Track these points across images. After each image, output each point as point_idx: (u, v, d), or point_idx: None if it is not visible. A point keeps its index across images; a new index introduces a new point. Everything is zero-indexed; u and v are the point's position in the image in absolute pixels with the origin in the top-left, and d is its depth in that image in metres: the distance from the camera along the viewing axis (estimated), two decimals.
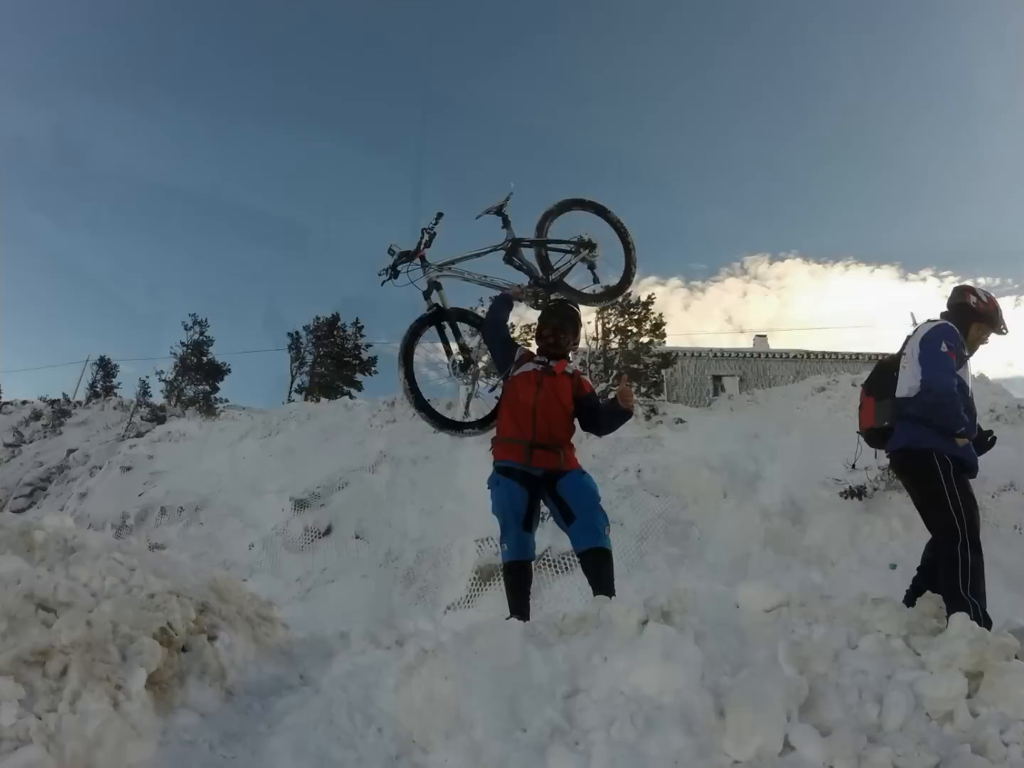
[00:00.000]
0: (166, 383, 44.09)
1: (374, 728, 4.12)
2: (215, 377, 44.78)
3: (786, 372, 39.44)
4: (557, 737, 3.82)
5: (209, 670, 4.52)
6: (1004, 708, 3.91)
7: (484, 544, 17.38)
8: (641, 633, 4.52)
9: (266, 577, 18.25)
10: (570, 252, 8.39)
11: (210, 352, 45.74)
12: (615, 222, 8.77)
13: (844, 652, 4.54)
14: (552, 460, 6.66)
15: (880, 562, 14.26)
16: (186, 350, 45.07)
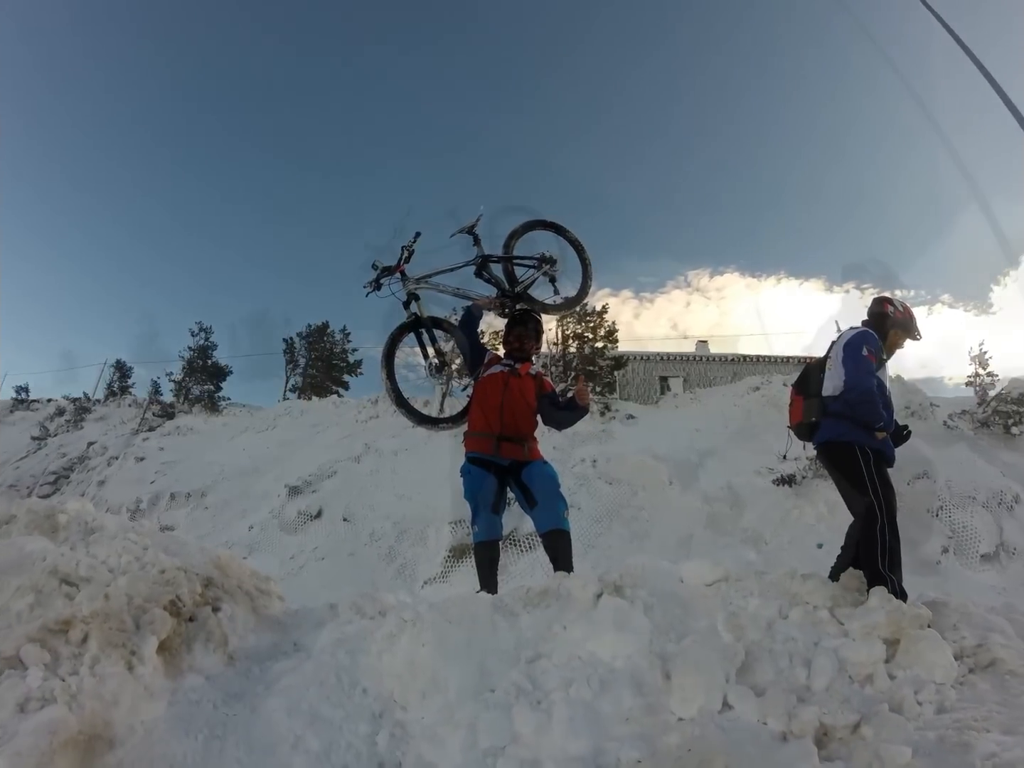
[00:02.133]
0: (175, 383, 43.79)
1: (359, 689, 4.18)
2: (218, 378, 44.46)
3: (725, 373, 39.54)
4: (522, 697, 3.87)
5: (213, 638, 4.59)
6: (918, 671, 4.01)
7: (457, 526, 17.67)
8: (596, 605, 4.56)
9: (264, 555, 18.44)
10: (533, 267, 8.49)
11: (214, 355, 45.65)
12: (573, 240, 8.88)
13: (776, 622, 4.59)
14: (517, 451, 6.75)
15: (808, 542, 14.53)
16: (193, 354, 44.92)
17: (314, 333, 49.12)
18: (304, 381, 47.72)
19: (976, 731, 3.34)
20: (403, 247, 7.71)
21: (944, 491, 16.84)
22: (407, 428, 25.49)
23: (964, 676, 4.15)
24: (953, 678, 4.05)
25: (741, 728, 3.62)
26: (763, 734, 3.58)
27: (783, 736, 3.57)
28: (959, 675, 4.12)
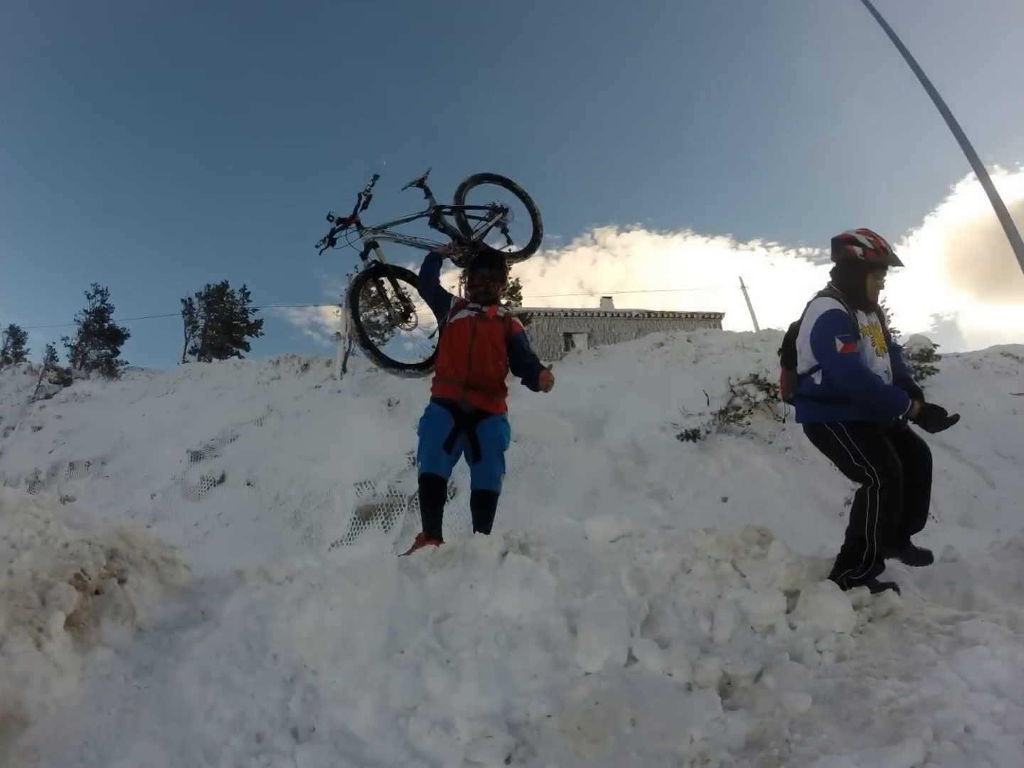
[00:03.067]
0: (71, 348, 43.08)
1: (270, 655, 4.20)
2: (116, 341, 43.80)
3: (629, 330, 40.01)
4: (431, 657, 3.93)
5: (121, 610, 4.57)
6: (817, 621, 4.16)
7: (362, 487, 17.72)
8: (502, 563, 4.66)
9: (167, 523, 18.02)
10: (485, 218, 8.59)
11: (111, 318, 44.85)
12: (520, 192, 8.97)
13: (679, 575, 4.72)
14: (484, 400, 6.78)
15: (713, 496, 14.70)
16: (89, 317, 44.07)
17: (213, 293, 48.44)
18: (204, 343, 47.09)
19: (874, 678, 3.48)
20: (360, 193, 7.78)
21: None
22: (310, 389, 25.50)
23: (863, 625, 4.29)
24: (852, 627, 4.18)
25: (646, 680, 3.72)
26: (668, 685, 3.68)
27: (688, 687, 3.68)
28: (858, 624, 4.25)
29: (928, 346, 20.10)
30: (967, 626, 3.88)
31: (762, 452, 16.09)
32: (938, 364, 19.73)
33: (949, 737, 2.81)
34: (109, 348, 43.48)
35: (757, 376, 17.97)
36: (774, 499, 14.23)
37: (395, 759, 3.49)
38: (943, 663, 3.42)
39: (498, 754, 3.32)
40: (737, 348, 24.12)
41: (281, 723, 3.78)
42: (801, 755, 2.94)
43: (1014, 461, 15.06)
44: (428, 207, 8.25)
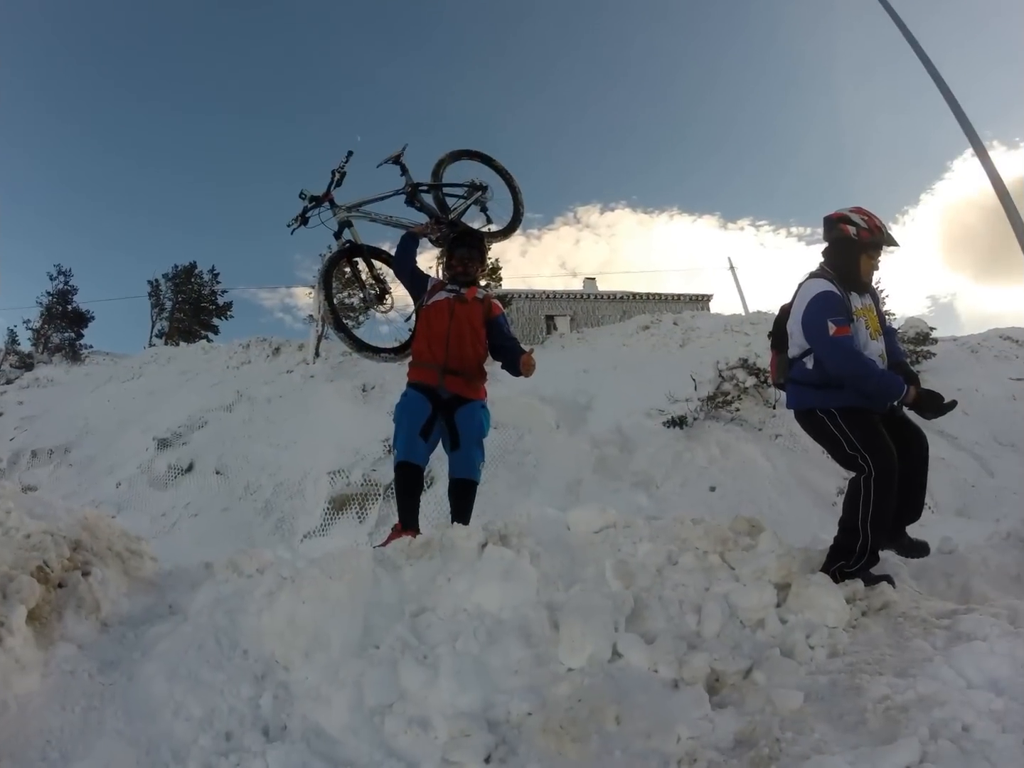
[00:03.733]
0: (33, 331, 42.70)
1: (240, 651, 4.19)
2: (79, 324, 43.48)
3: (613, 312, 40.37)
4: (407, 652, 3.93)
5: (85, 604, 4.54)
6: (809, 615, 4.16)
7: (336, 476, 17.63)
8: (481, 555, 4.65)
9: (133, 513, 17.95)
10: (463, 196, 8.58)
11: (74, 300, 44.48)
12: (500, 169, 8.99)
13: (666, 568, 4.71)
14: (463, 386, 6.75)
15: (700, 485, 14.69)
16: (51, 299, 43.69)
17: (181, 274, 48.15)
18: (171, 326, 46.87)
19: (868, 674, 3.48)
20: (333, 170, 7.72)
21: None
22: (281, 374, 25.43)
23: (857, 619, 4.29)
24: (845, 621, 4.19)
25: (631, 676, 3.72)
26: (654, 682, 3.69)
27: (674, 683, 3.69)
28: (851, 618, 4.26)
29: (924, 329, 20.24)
30: (965, 620, 3.87)
31: (752, 439, 16.12)
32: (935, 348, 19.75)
33: (946, 736, 2.80)
34: (72, 331, 43.15)
35: (746, 360, 17.96)
36: (764, 488, 14.26)
37: (370, 758, 3.49)
38: (940, 659, 3.41)
39: (477, 753, 3.32)
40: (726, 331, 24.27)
41: (251, 721, 3.78)
42: (792, 755, 2.93)
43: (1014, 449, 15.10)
44: (404, 185, 8.24)
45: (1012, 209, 12.54)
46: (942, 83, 14.29)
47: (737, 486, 14.31)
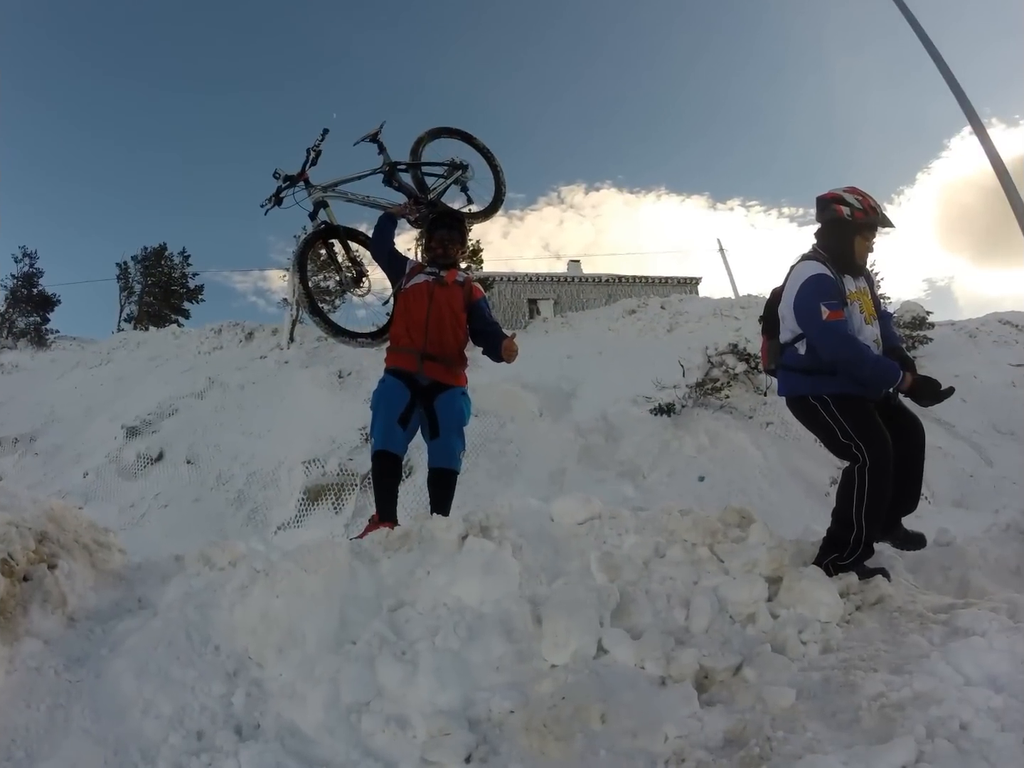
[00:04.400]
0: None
1: (211, 647, 4.18)
2: (45, 308, 42.97)
3: (599, 295, 40.40)
4: (385, 648, 3.92)
5: (51, 598, 4.51)
6: (802, 610, 4.18)
7: (311, 465, 17.55)
8: (461, 548, 4.65)
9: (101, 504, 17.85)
10: (443, 175, 8.55)
11: (40, 284, 44.08)
12: (481, 147, 8.94)
13: (653, 560, 4.73)
14: (442, 372, 6.72)
15: (689, 475, 14.68)
16: (16, 282, 43.31)
17: (150, 257, 47.76)
18: (140, 310, 46.54)
19: (863, 671, 3.47)
20: (309, 148, 7.70)
21: None
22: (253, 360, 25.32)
23: (851, 614, 4.31)
24: (839, 616, 4.20)
25: (617, 673, 3.71)
26: (640, 679, 3.68)
27: (661, 680, 3.68)
28: (845, 613, 4.27)
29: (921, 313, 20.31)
30: (963, 615, 3.88)
31: (742, 428, 16.11)
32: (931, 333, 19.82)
33: (943, 735, 2.79)
34: (38, 316, 42.66)
35: (736, 346, 17.89)
36: (755, 478, 14.27)
37: (346, 758, 3.48)
38: (937, 655, 3.41)
39: (457, 753, 3.31)
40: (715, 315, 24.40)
41: (223, 719, 3.77)
42: (784, 754, 2.92)
43: (1013, 437, 15.13)
44: (382, 164, 8.20)
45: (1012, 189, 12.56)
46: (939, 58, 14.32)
47: (727, 476, 14.33)
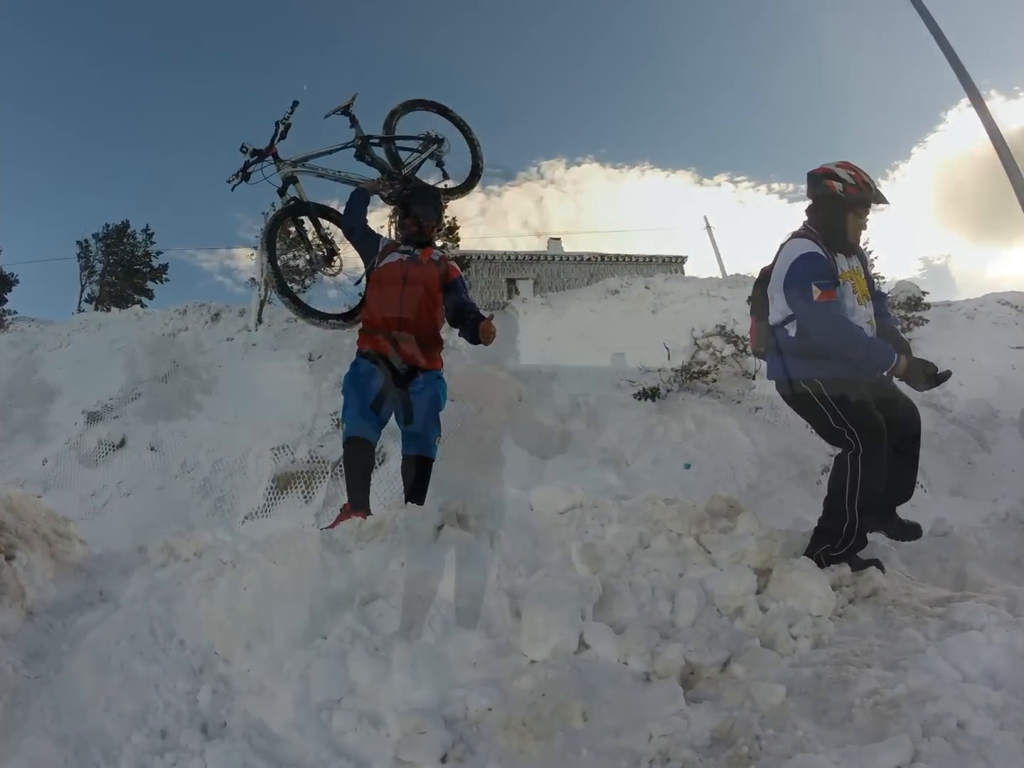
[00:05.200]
0: None
1: (176, 642, 4.15)
2: (2, 288, 42.34)
3: (580, 275, 40.21)
4: (357, 643, 3.92)
5: (8, 591, 4.49)
6: (792, 603, 4.18)
7: (280, 452, 17.38)
8: (437, 538, 4.66)
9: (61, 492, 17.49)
10: (418, 150, 8.48)
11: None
12: (457, 120, 8.86)
13: (636, 551, 4.74)
14: (417, 354, 6.66)
15: (675, 462, 14.67)
16: None
17: (112, 234, 47.38)
18: (102, 290, 46.33)
19: (856, 666, 3.48)
20: (278, 121, 7.65)
21: None
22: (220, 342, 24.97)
23: (843, 607, 4.31)
24: (831, 610, 4.21)
25: (599, 669, 3.72)
26: (624, 675, 3.69)
27: (646, 676, 3.69)
28: (837, 606, 4.28)
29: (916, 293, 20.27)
30: (960, 608, 3.90)
31: (729, 413, 16.15)
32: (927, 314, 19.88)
33: (940, 733, 2.80)
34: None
35: (724, 327, 17.89)
36: (743, 465, 14.28)
37: (317, 757, 3.48)
38: (933, 650, 3.42)
39: (432, 752, 3.32)
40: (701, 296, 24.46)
41: (189, 717, 3.76)
42: (773, 753, 2.93)
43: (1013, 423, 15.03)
44: (354, 137, 8.14)
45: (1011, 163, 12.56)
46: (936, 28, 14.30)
47: (714, 463, 14.36)
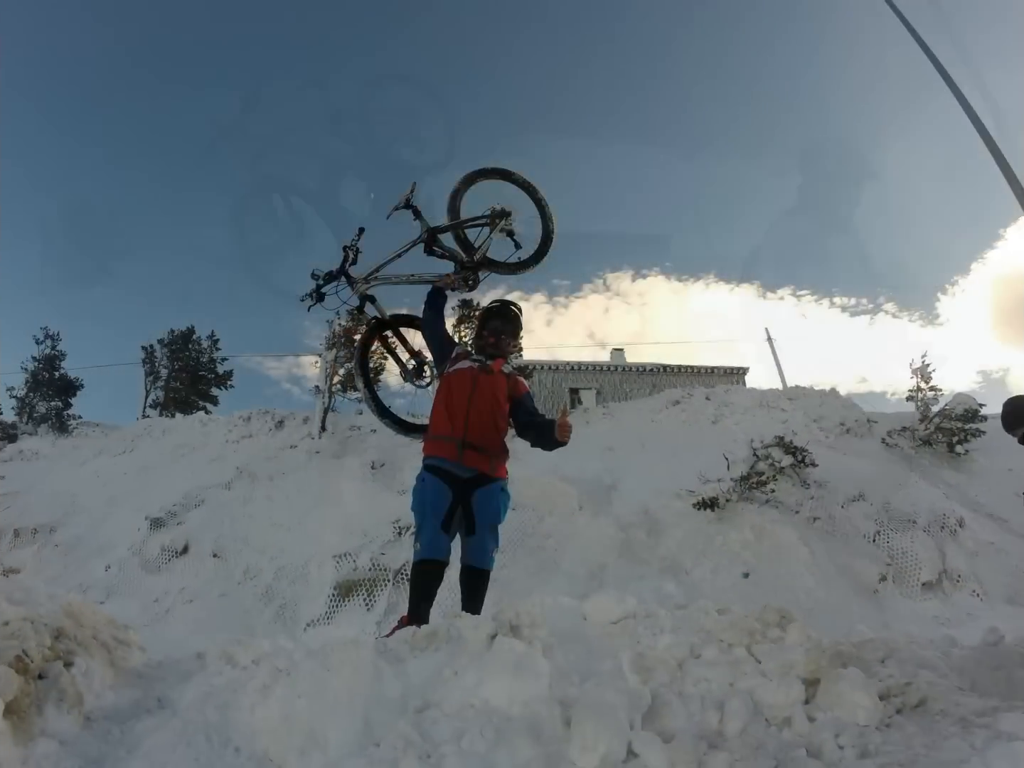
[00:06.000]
0: (17, 400, 42.77)
1: (231, 748, 4.14)
2: (68, 393, 43.29)
3: (642, 385, 40.29)
4: (410, 751, 3.88)
5: (66, 697, 4.46)
6: (839, 713, 4.11)
7: (342, 560, 17.62)
8: (490, 647, 4.60)
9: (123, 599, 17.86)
10: (486, 225, 8.40)
11: (62, 367, 44.51)
12: (522, 182, 8.77)
13: (688, 661, 4.69)
14: (482, 462, 6.70)
15: (733, 571, 14.77)
16: (38, 365, 43.83)
17: (177, 340, 47.97)
18: (166, 395, 46.68)
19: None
20: (345, 247, 7.73)
21: (882, 514, 17.13)
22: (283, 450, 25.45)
23: (890, 717, 4.23)
24: (878, 720, 4.14)
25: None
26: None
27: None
28: (884, 716, 4.20)
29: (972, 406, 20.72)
30: (1006, 718, 3.83)
31: (788, 522, 16.15)
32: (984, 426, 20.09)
33: None
34: (60, 400, 42.75)
35: (783, 438, 18.09)
36: (801, 575, 14.27)
37: None
38: (977, 760, 3.36)
39: None
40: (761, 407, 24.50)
41: None
42: None
43: None
44: (421, 232, 8.13)
45: None
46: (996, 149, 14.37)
47: (772, 572, 14.38)
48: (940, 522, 16.57)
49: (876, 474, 18.82)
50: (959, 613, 14.43)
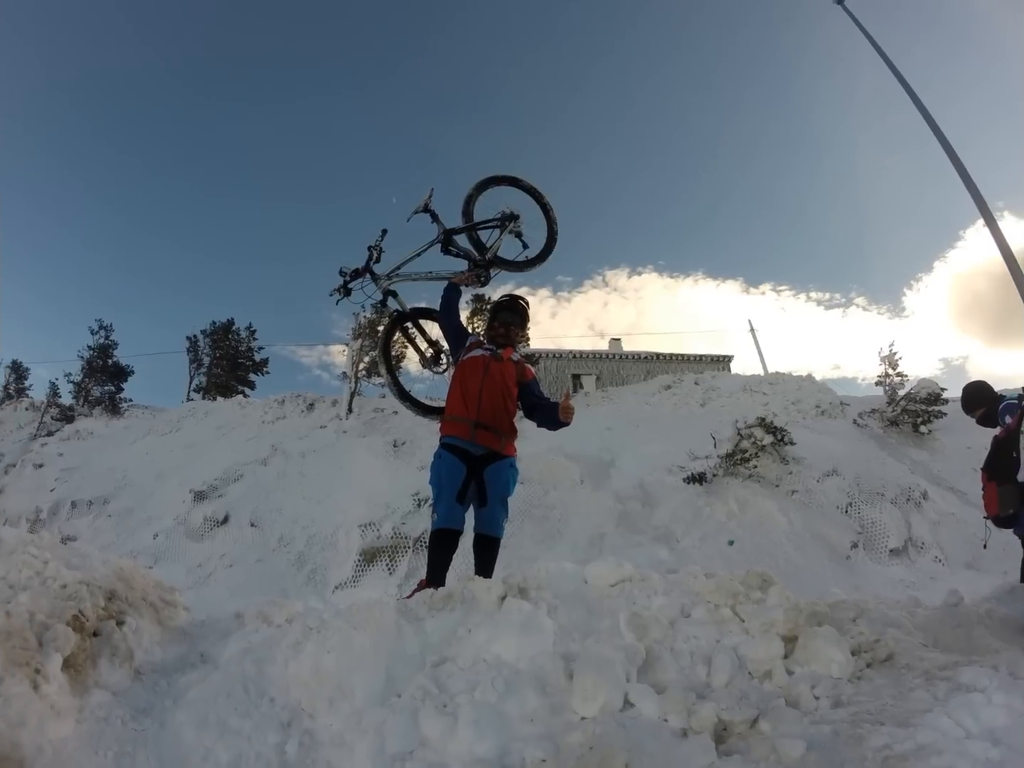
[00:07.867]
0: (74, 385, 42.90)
1: (267, 699, 4.19)
2: (119, 378, 43.81)
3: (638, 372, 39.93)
4: (428, 701, 3.93)
5: (119, 652, 4.53)
6: (815, 667, 4.17)
7: (367, 529, 17.76)
8: (500, 608, 4.65)
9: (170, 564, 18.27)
10: (497, 227, 8.45)
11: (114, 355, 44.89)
12: (529, 188, 8.83)
13: (679, 620, 4.72)
14: (493, 441, 6.74)
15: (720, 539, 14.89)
16: (92, 353, 44.09)
17: (218, 331, 48.52)
18: (208, 381, 47.14)
19: (870, 724, 3.46)
20: (370, 247, 7.79)
21: (854, 487, 17.35)
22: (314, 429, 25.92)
23: (861, 671, 4.27)
24: (850, 673, 4.18)
25: (642, 725, 3.71)
26: (663, 731, 3.68)
27: (683, 732, 3.68)
28: (856, 670, 4.24)
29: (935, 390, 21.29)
30: (965, 671, 3.86)
31: (769, 495, 16.31)
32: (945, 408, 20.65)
33: None
34: (112, 385, 43.52)
35: (764, 419, 18.22)
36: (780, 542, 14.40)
37: None
38: (939, 709, 3.40)
39: None
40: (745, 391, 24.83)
41: (278, 766, 3.80)
42: None
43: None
44: (438, 233, 8.16)
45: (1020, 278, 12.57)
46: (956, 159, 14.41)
47: (755, 540, 14.50)
48: (906, 495, 16.84)
49: (848, 451, 19.12)
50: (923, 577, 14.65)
